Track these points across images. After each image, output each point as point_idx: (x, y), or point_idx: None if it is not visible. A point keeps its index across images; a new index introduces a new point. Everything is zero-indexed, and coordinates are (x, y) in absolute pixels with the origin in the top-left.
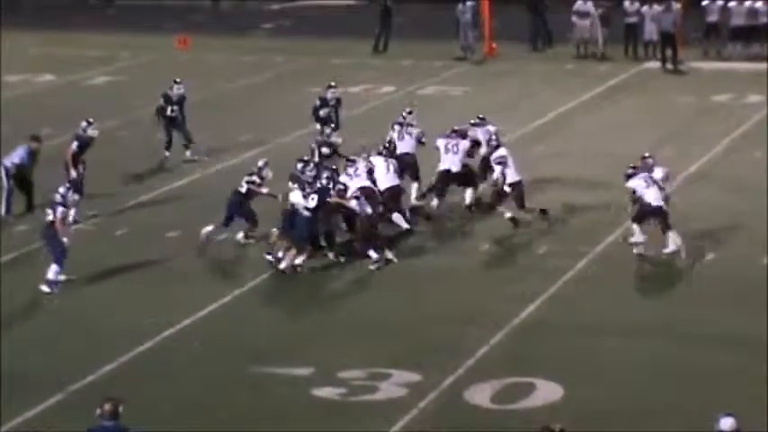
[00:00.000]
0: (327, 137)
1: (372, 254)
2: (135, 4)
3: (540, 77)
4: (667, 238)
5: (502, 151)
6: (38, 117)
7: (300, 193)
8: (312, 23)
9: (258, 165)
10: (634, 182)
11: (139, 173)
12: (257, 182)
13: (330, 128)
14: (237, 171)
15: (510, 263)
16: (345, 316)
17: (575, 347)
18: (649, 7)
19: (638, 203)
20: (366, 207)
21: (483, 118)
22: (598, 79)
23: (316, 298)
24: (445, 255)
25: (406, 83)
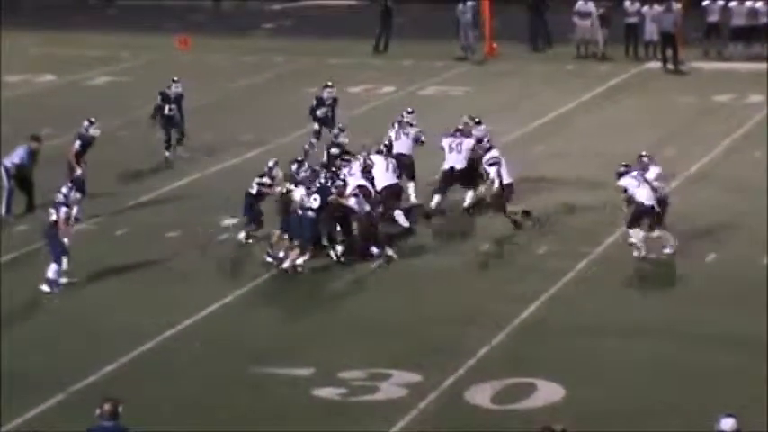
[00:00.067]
0: (335, 137)
1: (374, 249)
2: (135, 4)
3: (541, 78)
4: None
5: (494, 152)
6: (38, 117)
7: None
8: (313, 24)
9: (268, 165)
10: (625, 180)
11: (139, 173)
12: (268, 182)
13: (338, 128)
14: (237, 171)
15: (510, 263)
16: (346, 316)
17: (575, 348)
18: (650, 7)
19: (632, 205)
20: (365, 206)
21: (473, 118)
22: (599, 79)
23: (316, 298)
24: (445, 255)
25: (406, 83)
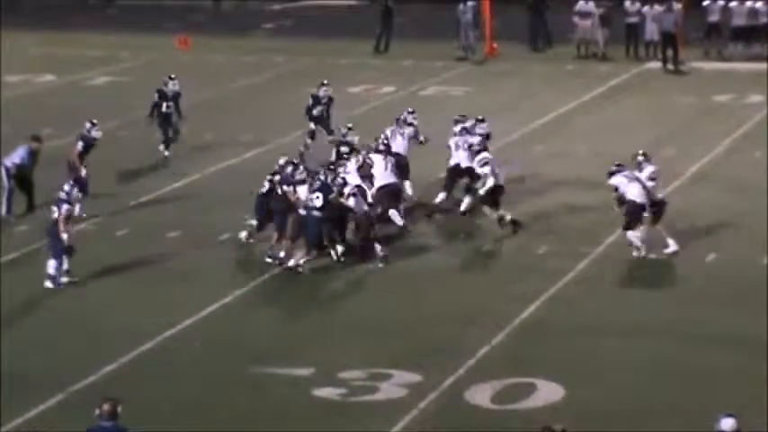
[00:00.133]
0: (344, 136)
1: (377, 246)
2: (135, 4)
3: (541, 78)
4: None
5: (486, 154)
6: (38, 117)
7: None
8: (313, 24)
9: (279, 163)
10: (616, 179)
11: (139, 173)
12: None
13: (347, 127)
14: (237, 171)
15: (510, 263)
16: (346, 316)
17: (575, 348)
18: (650, 7)
19: (624, 205)
20: (363, 205)
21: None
22: (599, 79)
23: (316, 298)
24: (445, 255)
25: (406, 83)
